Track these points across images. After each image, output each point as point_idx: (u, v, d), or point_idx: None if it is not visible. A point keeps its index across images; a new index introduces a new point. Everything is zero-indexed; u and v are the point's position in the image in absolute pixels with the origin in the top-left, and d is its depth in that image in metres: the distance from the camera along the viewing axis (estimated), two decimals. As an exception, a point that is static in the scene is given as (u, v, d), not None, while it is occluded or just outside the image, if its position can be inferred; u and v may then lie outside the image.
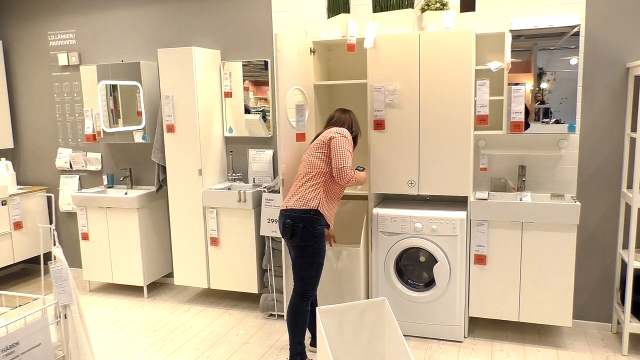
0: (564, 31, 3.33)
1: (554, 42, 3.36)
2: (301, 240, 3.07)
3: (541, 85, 3.42)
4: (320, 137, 3.19)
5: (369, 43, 3.52)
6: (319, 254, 3.12)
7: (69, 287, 2.18)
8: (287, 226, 3.10)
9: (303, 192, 3.11)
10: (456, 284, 3.51)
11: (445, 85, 3.43)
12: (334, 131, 3.15)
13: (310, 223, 3.06)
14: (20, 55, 5.16)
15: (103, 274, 4.66)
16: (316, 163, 3.14)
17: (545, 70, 3.40)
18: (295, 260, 3.14)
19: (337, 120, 3.32)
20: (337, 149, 3.06)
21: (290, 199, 3.16)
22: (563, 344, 3.54)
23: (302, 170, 3.20)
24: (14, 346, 2.02)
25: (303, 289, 3.14)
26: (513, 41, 3.40)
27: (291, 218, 3.09)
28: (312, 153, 3.18)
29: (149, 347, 3.66)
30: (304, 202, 3.08)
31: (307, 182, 3.13)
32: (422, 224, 3.52)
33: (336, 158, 3.06)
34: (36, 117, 5.20)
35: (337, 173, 3.05)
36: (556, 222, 3.32)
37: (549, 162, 3.70)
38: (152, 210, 4.59)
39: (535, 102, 3.44)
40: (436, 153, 3.52)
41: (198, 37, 4.47)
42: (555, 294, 3.40)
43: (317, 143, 3.18)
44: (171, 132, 4.21)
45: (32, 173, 5.31)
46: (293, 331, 3.17)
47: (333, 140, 3.10)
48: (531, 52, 3.40)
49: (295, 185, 3.21)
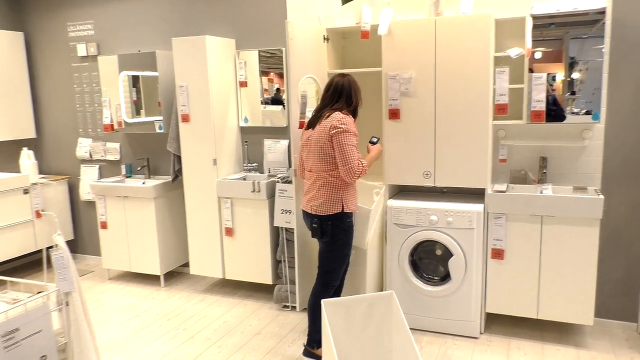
0: (589, 16, 3.17)
1: (578, 27, 3.21)
2: (332, 237, 3.06)
3: (567, 73, 3.27)
4: (323, 129, 3.00)
5: (384, 30, 3.43)
6: (347, 246, 3.12)
7: (70, 274, 2.18)
8: (315, 225, 3.07)
9: (323, 197, 3.02)
10: (472, 278, 3.40)
11: (462, 73, 3.31)
12: (335, 124, 2.94)
13: (338, 219, 3.04)
14: (41, 46, 5.23)
15: (121, 262, 4.71)
16: (325, 164, 3.02)
17: (571, 57, 3.26)
18: (324, 253, 3.13)
19: (337, 87, 3.07)
20: (341, 148, 2.92)
21: (311, 201, 3.09)
22: (584, 343, 3.41)
23: (314, 169, 3.08)
24: (14, 332, 2.03)
25: (327, 279, 3.15)
26: (534, 27, 3.26)
27: (318, 218, 3.05)
28: (318, 151, 3.03)
29: (162, 335, 3.67)
30: (327, 207, 3.02)
31: (324, 186, 3.03)
32: (437, 216, 3.43)
33: (342, 158, 2.93)
34: (57, 108, 5.27)
35: (345, 173, 2.95)
36: (578, 216, 3.18)
37: (572, 154, 3.55)
38: (169, 200, 4.60)
39: (555, 92, 3.30)
40: (453, 143, 3.41)
41: (213, 25, 4.44)
42: (576, 290, 3.26)
43: (321, 139, 3.00)
44: (186, 121, 4.20)
45: (54, 163, 5.39)
46: (314, 320, 3.17)
47: (335, 138, 2.94)
48: (556, 38, 3.26)
49: (311, 187, 3.11)
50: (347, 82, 3.09)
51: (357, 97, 3.13)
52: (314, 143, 3.06)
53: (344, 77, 3.12)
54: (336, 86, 3.08)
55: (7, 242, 4.65)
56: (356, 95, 3.12)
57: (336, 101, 3.07)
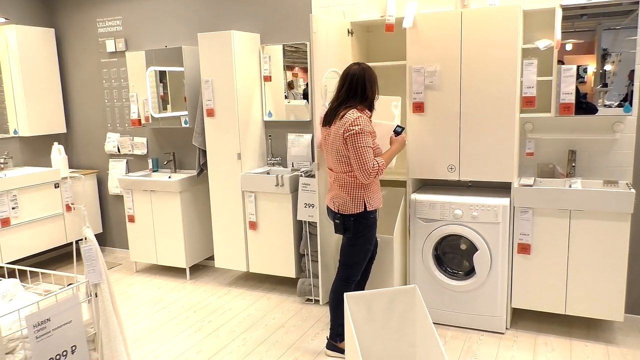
0: (622, 6, 3.08)
1: (611, 17, 3.13)
2: (355, 233, 3.06)
3: (599, 65, 3.19)
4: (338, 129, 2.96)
5: (408, 22, 3.39)
6: (369, 241, 3.12)
7: (98, 266, 2.23)
8: (338, 222, 3.09)
9: (345, 198, 3.03)
10: (498, 273, 3.36)
11: (488, 65, 3.26)
12: (349, 126, 2.89)
13: (362, 217, 3.04)
14: (71, 42, 5.34)
15: (148, 255, 4.79)
16: (344, 165, 3.01)
17: (604, 48, 3.18)
18: (346, 247, 3.14)
19: (352, 80, 2.99)
20: (356, 150, 2.89)
21: (334, 200, 3.09)
22: (614, 339, 3.34)
23: (334, 168, 3.08)
24: (45, 322, 2.09)
25: (347, 274, 3.15)
26: (564, 18, 3.19)
27: (341, 214, 3.06)
28: (336, 151, 3.01)
29: (188, 328, 3.73)
30: (349, 208, 3.03)
31: (345, 187, 3.02)
32: (462, 210, 3.39)
33: (357, 160, 2.90)
34: (86, 103, 5.38)
35: (360, 175, 2.93)
36: (608, 211, 3.11)
37: (602, 147, 3.47)
38: (194, 193, 4.66)
39: (587, 84, 3.22)
40: (478, 137, 3.36)
41: (238, 20, 4.47)
42: (605, 286, 3.19)
43: (337, 141, 2.98)
44: (211, 116, 4.24)
45: (83, 157, 5.51)
46: (335, 314, 3.19)
47: (349, 140, 2.90)
48: (588, 29, 3.18)
49: (332, 185, 3.12)
50: (362, 71, 3.01)
51: (373, 90, 3.05)
52: (330, 143, 3.06)
53: (359, 65, 3.04)
54: (351, 79, 3.00)
55: (39, 235, 4.78)
56: (372, 88, 3.04)
57: (352, 97, 3.01)
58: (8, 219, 4.49)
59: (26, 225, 4.66)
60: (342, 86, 3.05)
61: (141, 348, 3.47)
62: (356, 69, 3.02)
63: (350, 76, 3.02)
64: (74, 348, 2.22)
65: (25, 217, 4.64)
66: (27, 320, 2.04)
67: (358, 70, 3.02)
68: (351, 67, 3.06)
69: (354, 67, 3.04)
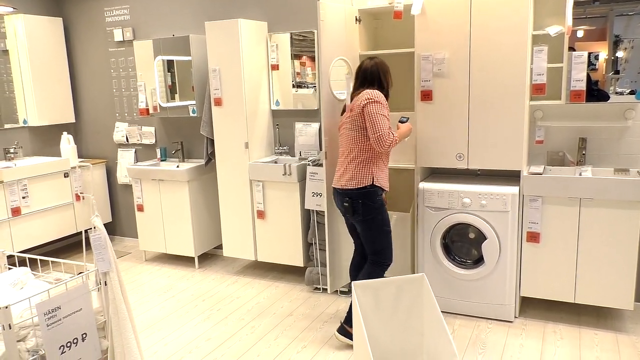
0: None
1: (624, 3, 3.07)
2: (364, 215, 3.06)
3: (611, 52, 3.15)
4: (354, 107, 3.06)
5: (417, 9, 3.36)
6: (385, 223, 3.12)
7: (107, 255, 2.24)
8: (346, 204, 3.08)
9: (354, 171, 3.05)
10: (506, 262, 3.35)
11: (498, 52, 3.22)
12: (365, 97, 2.99)
13: (368, 197, 3.03)
14: (79, 32, 5.34)
15: (157, 244, 4.82)
16: (357, 138, 3.04)
17: (616, 35, 3.13)
18: (365, 235, 3.13)
19: (366, 74, 3.12)
20: (372, 117, 2.94)
21: (342, 177, 3.11)
22: (624, 328, 3.32)
23: (346, 146, 3.12)
24: (56, 310, 2.11)
25: (380, 258, 3.14)
26: (575, 3, 3.14)
27: (348, 196, 3.06)
28: (350, 127, 3.07)
29: (197, 316, 3.76)
30: (357, 180, 3.03)
31: (355, 159, 3.05)
32: (470, 199, 3.37)
33: (372, 127, 2.94)
34: (95, 92, 5.39)
35: (375, 142, 2.94)
36: (619, 199, 3.08)
37: (613, 134, 3.43)
38: (202, 183, 4.67)
39: (598, 71, 3.18)
40: (487, 125, 3.33)
41: (245, 9, 4.44)
42: (615, 274, 3.17)
43: (353, 115, 3.05)
44: (218, 105, 4.23)
45: (92, 146, 5.53)
46: None
47: (365, 108, 2.97)
48: (600, 16, 3.13)
49: (342, 162, 3.14)
50: (375, 66, 3.12)
51: (388, 80, 3.16)
52: (347, 123, 3.10)
53: (372, 60, 3.15)
54: (365, 73, 3.12)
55: (49, 224, 4.82)
56: (387, 79, 3.15)
57: (368, 85, 3.10)
58: (19, 208, 4.53)
59: (36, 214, 4.69)
60: (357, 80, 3.18)
61: (151, 336, 3.50)
62: (369, 63, 3.13)
63: (364, 70, 3.13)
64: (84, 335, 2.24)
65: (35, 207, 4.67)
66: (38, 308, 2.06)
67: (371, 64, 3.12)
68: (364, 62, 3.16)
69: (367, 62, 3.14)
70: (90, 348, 2.27)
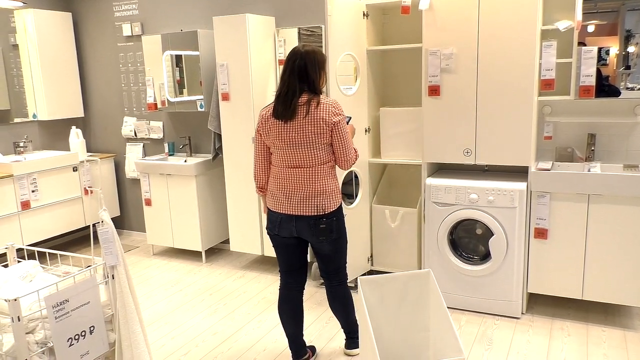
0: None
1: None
2: (338, 232, 2.78)
3: (622, 47, 3.12)
4: (314, 120, 2.60)
5: (425, 4, 3.34)
6: (346, 234, 2.89)
7: (115, 248, 2.26)
8: (323, 226, 2.71)
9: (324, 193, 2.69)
10: (514, 258, 3.34)
11: (506, 47, 3.20)
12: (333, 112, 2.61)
13: (338, 213, 2.79)
14: (88, 26, 5.36)
15: (165, 238, 4.84)
16: (319, 155, 2.67)
17: (627, 30, 3.10)
18: (333, 251, 2.82)
19: (302, 72, 2.62)
20: (342, 137, 2.65)
21: (309, 200, 2.68)
22: (632, 325, 3.30)
23: (303, 163, 2.68)
24: (64, 303, 2.13)
25: (343, 275, 2.93)
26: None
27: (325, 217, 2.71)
28: (310, 143, 2.64)
29: (204, 310, 3.78)
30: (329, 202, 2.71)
31: (320, 180, 2.69)
32: (477, 195, 3.36)
33: (342, 149, 2.67)
34: (103, 87, 5.42)
35: (343, 163, 2.71)
36: (628, 195, 3.06)
37: (622, 130, 3.40)
38: (210, 177, 4.69)
39: (609, 66, 3.15)
40: (495, 120, 3.32)
41: (253, 3, 4.44)
42: (624, 271, 3.15)
43: (315, 130, 2.61)
44: (226, 100, 4.24)
45: (101, 141, 5.56)
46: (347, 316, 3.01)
47: (335, 129, 2.63)
48: (611, 10, 3.10)
49: (296, 182, 2.69)
50: (303, 59, 2.64)
51: (323, 78, 2.72)
52: (299, 137, 2.63)
53: (304, 48, 2.67)
54: (300, 67, 2.63)
55: (58, 218, 4.86)
56: (324, 75, 2.72)
57: (307, 87, 2.65)
58: (28, 201, 4.57)
59: (45, 208, 4.73)
60: (291, 74, 2.67)
61: (158, 329, 3.53)
62: (301, 52, 2.67)
63: (298, 65, 2.66)
64: (92, 328, 2.26)
65: (44, 200, 4.71)
66: (47, 300, 2.08)
67: (305, 54, 2.67)
68: (297, 50, 2.70)
69: (299, 51, 2.69)
70: (98, 341, 2.30)
